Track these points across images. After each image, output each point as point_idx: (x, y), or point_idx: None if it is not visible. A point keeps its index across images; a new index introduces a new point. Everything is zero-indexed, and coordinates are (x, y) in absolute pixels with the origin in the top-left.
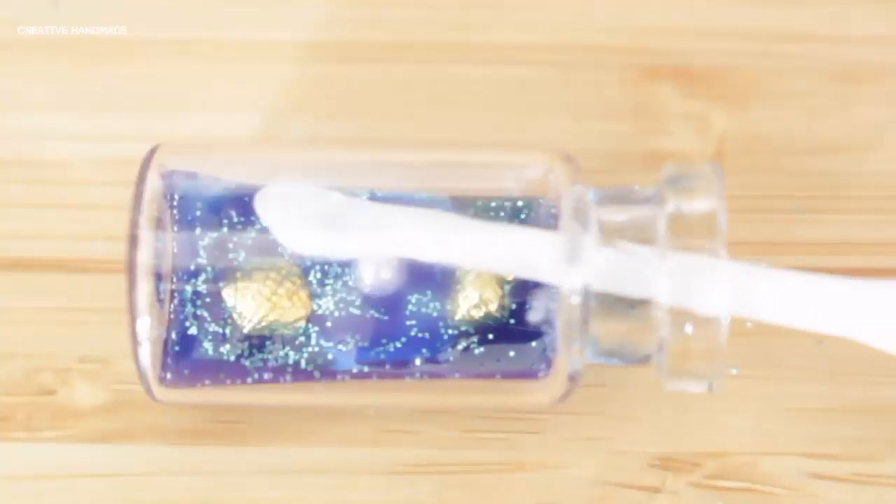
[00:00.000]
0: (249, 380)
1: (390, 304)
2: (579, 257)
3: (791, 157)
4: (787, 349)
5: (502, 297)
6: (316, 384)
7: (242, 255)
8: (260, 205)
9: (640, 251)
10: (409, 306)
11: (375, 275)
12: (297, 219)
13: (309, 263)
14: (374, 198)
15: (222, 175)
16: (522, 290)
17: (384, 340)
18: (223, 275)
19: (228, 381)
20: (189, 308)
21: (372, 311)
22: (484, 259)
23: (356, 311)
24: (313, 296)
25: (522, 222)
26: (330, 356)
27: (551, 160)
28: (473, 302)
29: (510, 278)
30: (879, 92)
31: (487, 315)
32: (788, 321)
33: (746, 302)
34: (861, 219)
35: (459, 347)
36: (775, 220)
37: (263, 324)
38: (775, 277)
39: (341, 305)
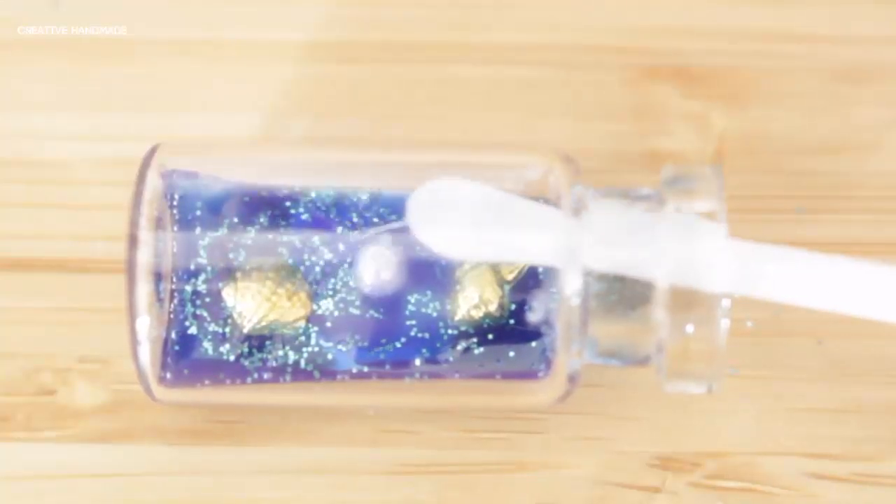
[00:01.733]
0: (249, 380)
1: (390, 304)
2: (578, 258)
3: (791, 157)
4: (787, 349)
5: (502, 297)
6: (316, 384)
7: (242, 255)
8: (412, 208)
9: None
10: (409, 306)
11: (375, 275)
12: (448, 220)
13: (309, 263)
14: (375, 197)
15: (222, 175)
16: (522, 291)
17: (384, 340)
18: (223, 275)
19: (228, 381)
20: (189, 308)
21: (372, 311)
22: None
23: (356, 311)
24: (313, 296)
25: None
26: (330, 356)
27: (551, 161)
28: (473, 302)
29: (510, 278)
30: (879, 92)
31: (487, 315)
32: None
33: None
34: (861, 219)
35: (459, 348)
36: (775, 220)
37: (263, 324)
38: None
39: (341, 305)
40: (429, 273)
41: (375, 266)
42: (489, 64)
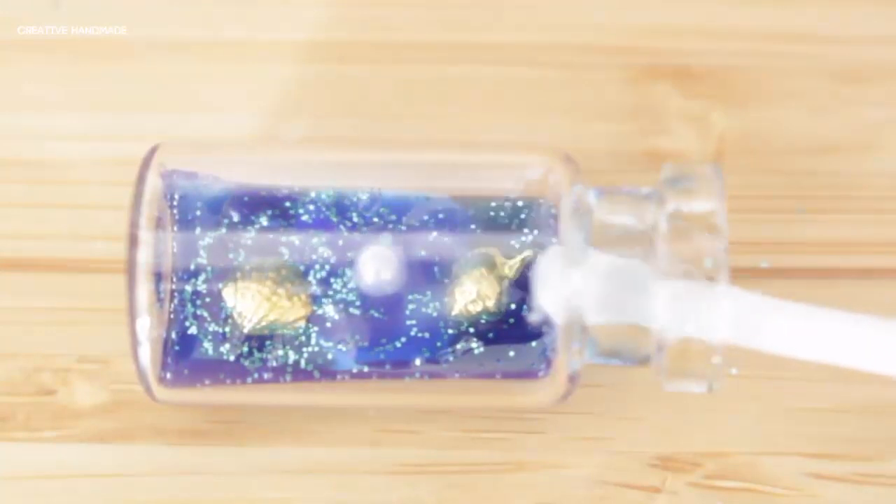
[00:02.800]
0: (249, 379)
1: (390, 304)
2: (578, 259)
3: (791, 157)
4: None
5: (500, 292)
6: (316, 384)
7: (242, 255)
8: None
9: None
10: (409, 306)
11: (375, 274)
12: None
13: (309, 263)
14: (375, 197)
15: (222, 175)
16: (522, 289)
17: (384, 340)
18: (223, 275)
19: (228, 381)
20: (189, 308)
21: (372, 311)
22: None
23: (356, 311)
24: (313, 296)
25: (522, 222)
26: (330, 356)
27: (551, 161)
28: (471, 297)
29: (509, 274)
30: (879, 92)
31: (485, 310)
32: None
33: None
34: (861, 219)
35: (459, 347)
36: (775, 220)
37: (263, 324)
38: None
39: (341, 305)
40: (429, 273)
41: (375, 266)
42: (489, 64)
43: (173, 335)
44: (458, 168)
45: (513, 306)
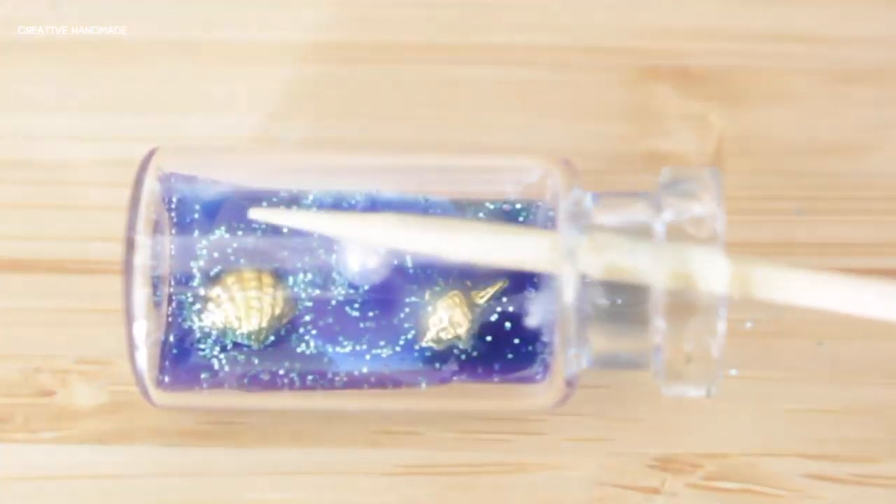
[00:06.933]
0: (246, 382)
1: (388, 308)
2: (576, 262)
3: (791, 157)
4: (786, 350)
5: (472, 320)
6: (313, 388)
7: (240, 259)
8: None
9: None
10: (406, 310)
11: (374, 279)
12: None
13: (306, 268)
14: (374, 200)
15: (221, 178)
16: (518, 296)
17: (382, 344)
18: (220, 278)
19: (226, 385)
20: (187, 311)
21: (370, 316)
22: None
23: (354, 314)
24: (310, 300)
25: (521, 225)
26: (326, 360)
27: (549, 164)
28: (442, 325)
29: (481, 301)
30: (879, 92)
31: (456, 338)
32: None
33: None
34: (861, 219)
35: (456, 352)
36: (775, 220)
37: (260, 328)
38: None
39: (338, 310)
40: (428, 277)
41: (373, 270)
42: (488, 64)
43: (171, 339)
44: (458, 172)
45: (483, 331)
